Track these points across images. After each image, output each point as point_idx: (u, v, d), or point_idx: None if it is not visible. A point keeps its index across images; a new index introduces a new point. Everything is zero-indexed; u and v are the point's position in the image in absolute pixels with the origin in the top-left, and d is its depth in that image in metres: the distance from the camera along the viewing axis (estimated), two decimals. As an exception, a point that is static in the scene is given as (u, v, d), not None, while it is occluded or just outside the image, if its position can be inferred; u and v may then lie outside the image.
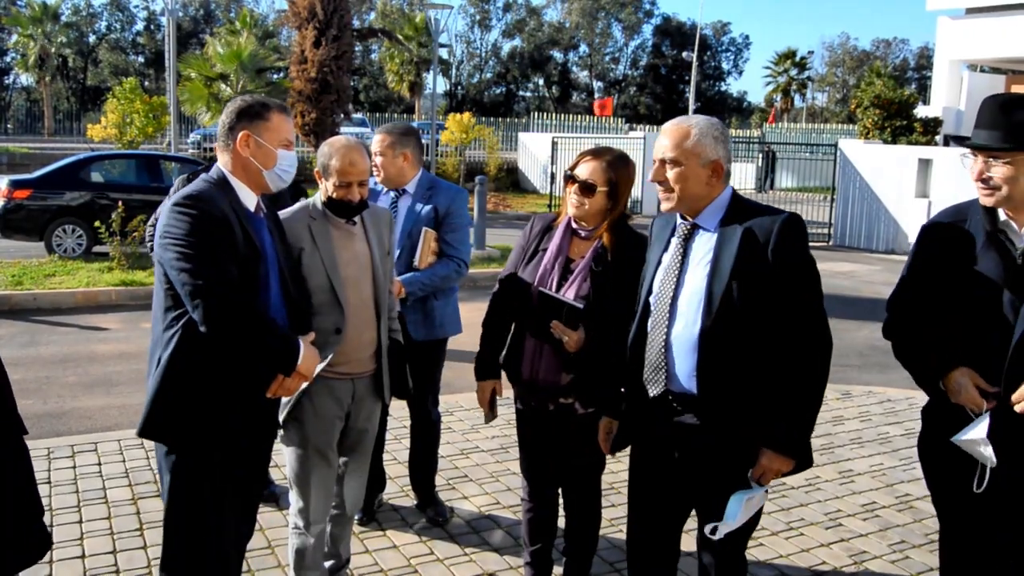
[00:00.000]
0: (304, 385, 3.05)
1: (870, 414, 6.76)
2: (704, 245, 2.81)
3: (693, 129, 2.78)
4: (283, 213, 3.38)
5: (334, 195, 3.33)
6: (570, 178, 3.34)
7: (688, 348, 2.78)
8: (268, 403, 3.02)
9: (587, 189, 3.30)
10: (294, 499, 3.47)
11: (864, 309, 11.50)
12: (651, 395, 2.89)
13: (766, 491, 2.87)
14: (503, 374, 3.63)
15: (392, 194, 4.38)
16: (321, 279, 3.30)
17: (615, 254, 3.33)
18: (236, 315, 2.71)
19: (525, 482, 3.70)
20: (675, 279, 2.84)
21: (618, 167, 3.33)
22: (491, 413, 3.69)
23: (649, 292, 2.92)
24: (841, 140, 21.28)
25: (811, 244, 2.69)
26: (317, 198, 3.43)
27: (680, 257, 2.85)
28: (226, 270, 2.72)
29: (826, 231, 19.44)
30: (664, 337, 2.83)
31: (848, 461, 5.70)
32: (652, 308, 2.89)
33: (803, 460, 2.80)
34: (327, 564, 3.64)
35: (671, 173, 2.79)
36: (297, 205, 3.46)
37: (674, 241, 2.90)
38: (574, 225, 3.42)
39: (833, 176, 19.54)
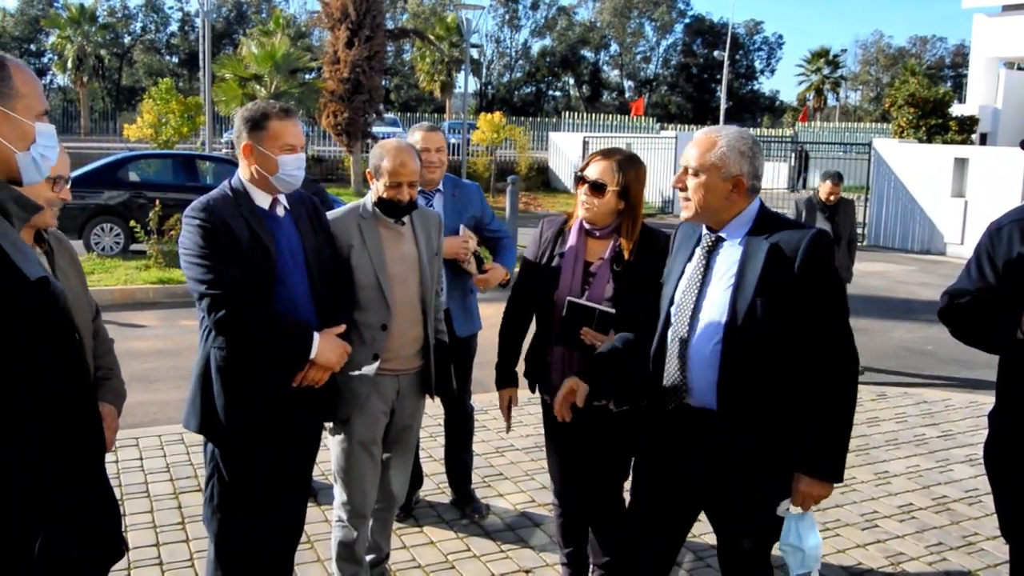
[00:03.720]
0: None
1: (906, 415, 6.71)
2: (728, 258, 2.75)
3: (720, 140, 2.71)
4: (334, 213, 3.49)
5: (384, 195, 3.38)
6: (580, 178, 3.35)
7: (708, 362, 2.73)
8: (306, 399, 3.13)
9: (597, 189, 3.29)
10: (338, 492, 3.53)
11: (899, 309, 11.42)
12: (669, 407, 2.85)
13: (812, 514, 2.83)
14: (529, 383, 3.64)
15: (422, 195, 4.32)
16: (368, 276, 3.36)
17: (634, 254, 3.32)
18: (236, 314, 2.93)
19: (555, 485, 3.72)
20: (696, 291, 2.78)
21: (627, 167, 3.30)
22: (509, 421, 3.72)
23: (671, 303, 2.87)
24: (875, 139, 21.10)
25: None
26: (368, 198, 3.49)
27: (703, 269, 2.80)
28: (228, 273, 2.94)
29: (860, 231, 19.26)
30: (683, 350, 2.78)
31: (884, 463, 5.66)
32: (672, 320, 2.85)
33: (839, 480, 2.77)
34: (368, 557, 3.69)
35: (691, 182, 2.74)
36: (349, 205, 3.54)
37: (697, 252, 2.83)
38: (587, 226, 3.41)
39: (867, 175, 19.37)
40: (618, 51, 72.97)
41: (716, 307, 2.72)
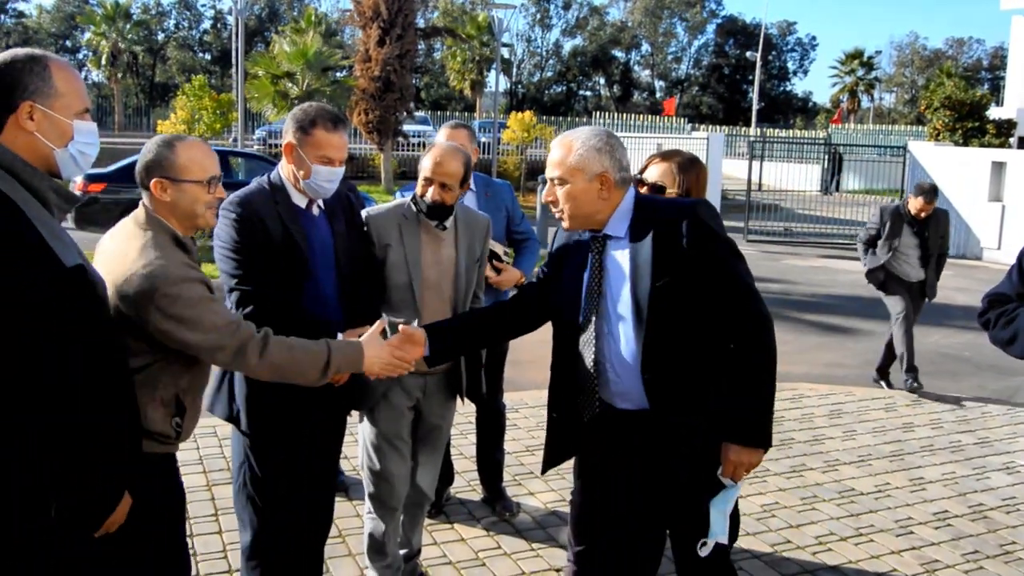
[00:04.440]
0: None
1: (941, 421, 6.62)
2: (620, 255, 2.72)
3: (575, 144, 2.69)
4: (377, 208, 3.47)
5: (417, 191, 3.38)
6: (639, 181, 3.29)
7: (628, 364, 2.69)
8: (328, 396, 3.11)
9: (657, 192, 3.23)
10: (366, 485, 3.54)
11: (934, 314, 11.22)
12: (586, 417, 2.80)
13: (740, 485, 2.76)
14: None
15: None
16: (402, 276, 3.34)
17: None
18: (264, 310, 2.92)
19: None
20: (598, 295, 2.75)
21: (688, 169, 3.25)
22: None
23: (575, 311, 2.80)
24: (911, 142, 20.84)
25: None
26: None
27: (599, 272, 2.76)
28: (260, 268, 2.97)
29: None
30: (595, 356, 2.74)
31: (919, 469, 5.59)
32: (581, 328, 2.78)
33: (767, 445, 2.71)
34: (401, 552, 3.71)
35: (560, 192, 2.72)
36: (394, 202, 3.52)
37: (590, 257, 2.79)
38: None
39: (902, 179, 19.11)
40: (649, 51, 72.78)
41: (622, 306, 2.69)
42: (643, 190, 3.28)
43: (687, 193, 3.24)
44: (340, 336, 3.01)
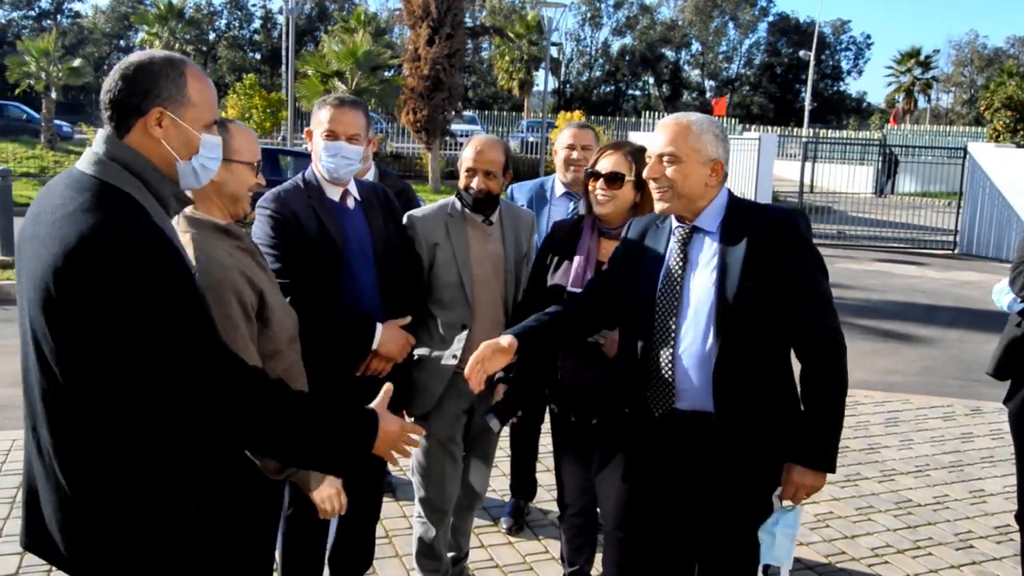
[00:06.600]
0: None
1: (1002, 432, 6.42)
2: (707, 250, 2.65)
3: (693, 125, 2.63)
4: (423, 210, 3.47)
5: (460, 184, 3.37)
6: (592, 175, 3.22)
7: (700, 362, 2.61)
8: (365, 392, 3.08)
9: (614, 180, 3.16)
10: (417, 489, 3.53)
11: (993, 321, 10.96)
12: (656, 414, 2.72)
13: (801, 508, 2.70)
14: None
15: (569, 197, 4.25)
16: (451, 275, 3.32)
17: None
18: (301, 303, 2.88)
19: (567, 503, 3.53)
20: (680, 288, 2.66)
21: (639, 158, 3.17)
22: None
23: (652, 302, 2.70)
24: (970, 143, 20.37)
25: (933, 252, 2.45)
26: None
27: (682, 263, 2.68)
28: (295, 263, 3.01)
29: (950, 238, 18.63)
30: (671, 352, 2.65)
31: (979, 480, 5.43)
32: (656, 321, 2.69)
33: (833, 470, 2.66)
34: (448, 555, 3.68)
35: (669, 170, 2.63)
36: (439, 202, 3.50)
37: (673, 246, 2.71)
38: (601, 226, 3.28)
39: (960, 181, 18.68)
40: (699, 50, 72.25)
41: (703, 303, 2.61)
42: (597, 182, 3.20)
43: (640, 180, 3.08)
44: (379, 327, 3.04)
